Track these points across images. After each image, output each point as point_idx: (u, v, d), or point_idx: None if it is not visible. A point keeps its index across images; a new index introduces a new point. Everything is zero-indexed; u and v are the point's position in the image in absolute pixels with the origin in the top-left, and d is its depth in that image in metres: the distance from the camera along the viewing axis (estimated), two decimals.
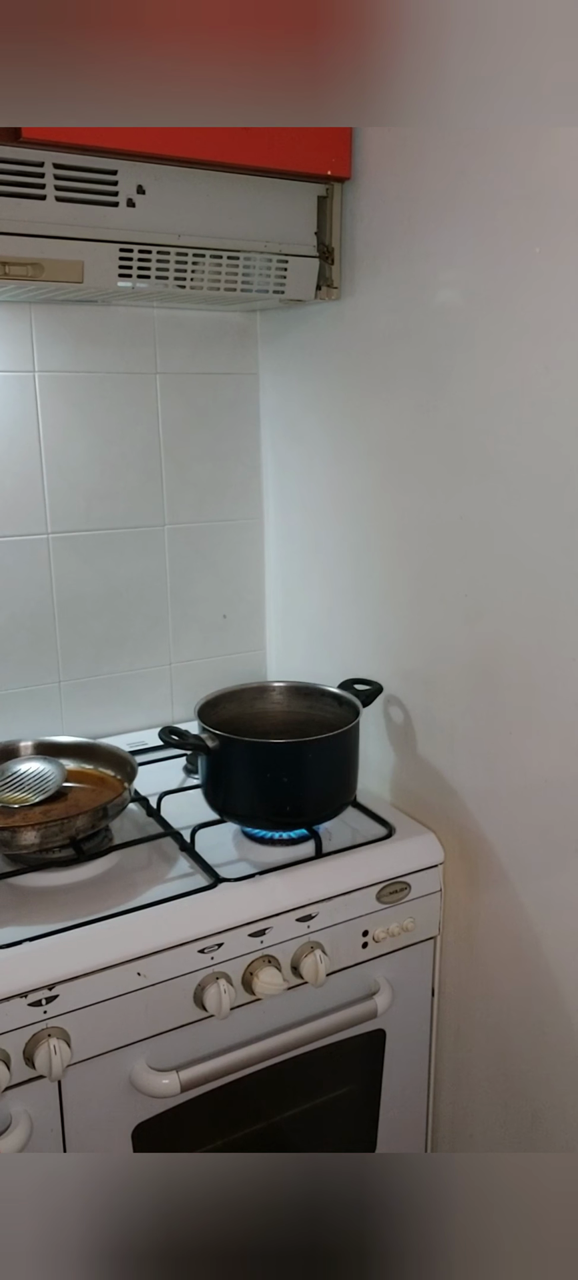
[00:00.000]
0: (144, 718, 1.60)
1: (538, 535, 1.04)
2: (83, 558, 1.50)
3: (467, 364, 1.12)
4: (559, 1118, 1.13)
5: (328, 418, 1.42)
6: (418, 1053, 1.31)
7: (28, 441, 1.43)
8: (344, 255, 1.33)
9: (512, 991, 1.18)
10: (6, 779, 1.26)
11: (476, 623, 1.16)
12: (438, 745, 1.26)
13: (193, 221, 1.21)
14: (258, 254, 1.27)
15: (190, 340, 1.53)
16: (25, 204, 1.09)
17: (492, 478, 1.10)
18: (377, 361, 1.29)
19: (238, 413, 1.60)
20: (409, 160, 1.17)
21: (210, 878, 1.13)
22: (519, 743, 1.11)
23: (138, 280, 1.19)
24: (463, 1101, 1.30)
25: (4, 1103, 0.99)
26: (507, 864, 1.16)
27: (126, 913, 1.06)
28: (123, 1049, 1.05)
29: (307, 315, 1.44)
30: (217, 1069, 1.08)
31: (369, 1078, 1.28)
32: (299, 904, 1.14)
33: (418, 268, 1.18)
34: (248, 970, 1.11)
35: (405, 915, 1.22)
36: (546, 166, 0.97)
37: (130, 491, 1.53)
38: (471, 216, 1.08)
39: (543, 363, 1.01)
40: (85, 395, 1.46)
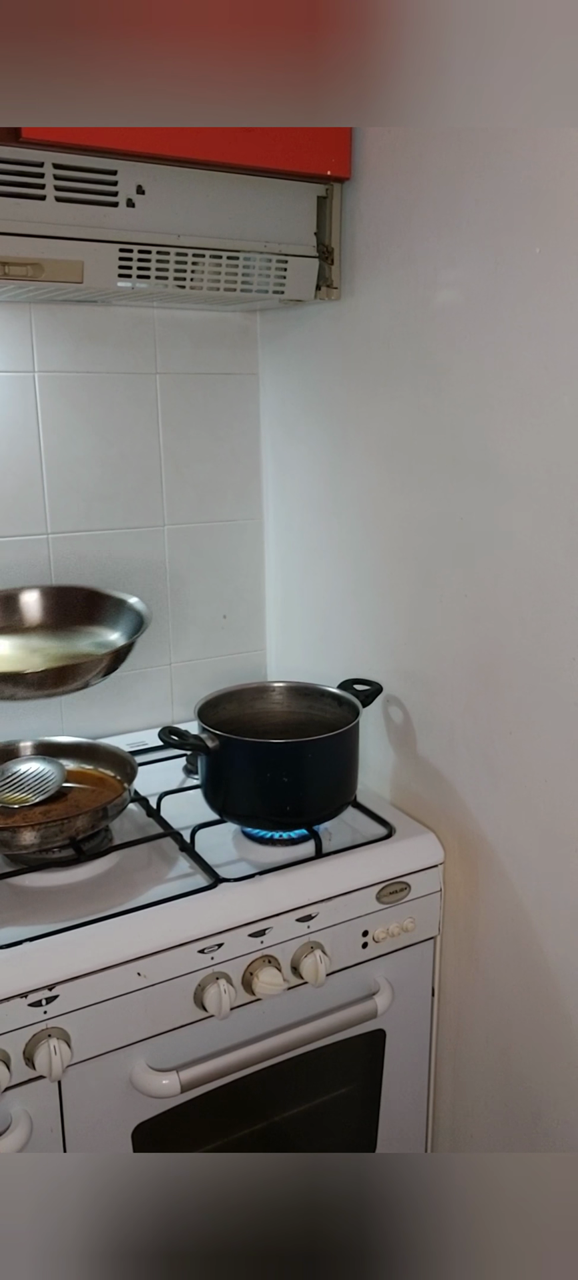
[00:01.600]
0: (144, 718, 1.60)
1: (538, 535, 1.04)
2: (83, 558, 1.50)
3: (467, 364, 1.12)
4: (559, 1118, 1.13)
5: (328, 418, 1.42)
6: (418, 1053, 1.31)
7: (28, 441, 1.43)
8: (344, 255, 1.33)
9: (512, 991, 1.18)
10: (6, 779, 1.26)
11: (475, 623, 1.16)
12: (438, 745, 1.26)
13: (193, 221, 1.21)
14: (258, 254, 1.27)
15: (190, 340, 1.53)
16: (25, 204, 1.09)
17: (492, 478, 1.10)
18: (377, 361, 1.29)
19: (238, 413, 1.60)
20: (409, 160, 1.17)
21: (210, 878, 1.13)
22: (519, 742, 1.11)
23: (138, 280, 1.19)
24: (463, 1101, 1.30)
25: (4, 1103, 0.99)
26: (507, 864, 1.16)
27: (126, 913, 1.06)
28: (123, 1049, 1.05)
29: (307, 315, 1.44)
30: (217, 1069, 1.08)
31: (369, 1078, 1.28)
32: (299, 904, 1.14)
33: (418, 268, 1.18)
34: (248, 970, 1.11)
35: (405, 915, 1.22)
36: (546, 166, 0.97)
37: (130, 491, 1.53)
38: (471, 216, 1.08)
39: (543, 363, 1.01)
40: (85, 395, 1.46)
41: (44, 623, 1.37)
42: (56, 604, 1.40)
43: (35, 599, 1.39)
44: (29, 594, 1.39)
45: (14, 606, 1.38)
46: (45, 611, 1.38)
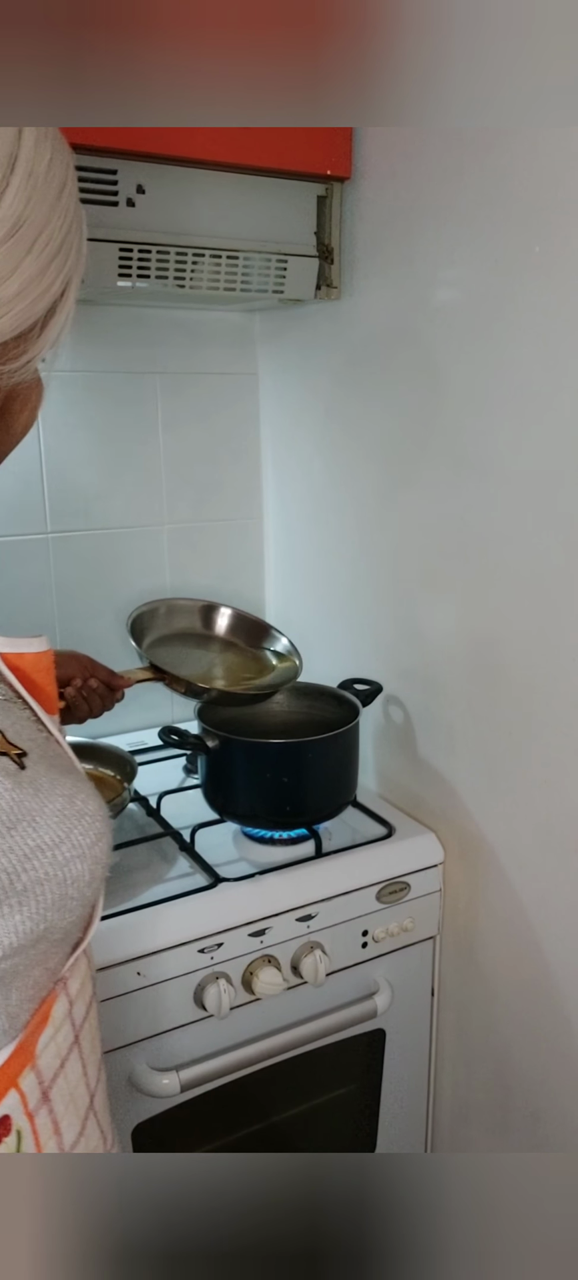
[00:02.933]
0: (144, 718, 1.60)
1: (538, 535, 1.04)
2: (83, 558, 1.50)
3: (467, 364, 1.12)
4: (559, 1118, 1.13)
5: (327, 418, 1.42)
6: (418, 1053, 1.31)
7: (28, 441, 1.42)
8: (344, 255, 1.33)
9: (512, 991, 1.18)
10: None
11: (475, 623, 1.16)
12: (438, 745, 1.26)
13: (192, 221, 1.21)
14: (257, 254, 1.27)
15: (190, 340, 1.53)
16: None
17: (492, 478, 1.10)
18: (376, 361, 1.29)
19: (238, 413, 1.60)
20: (409, 160, 1.17)
21: (210, 877, 1.13)
22: (519, 742, 1.11)
23: (138, 280, 1.19)
24: (463, 1102, 1.30)
25: None
26: (507, 864, 1.16)
27: (126, 912, 1.06)
28: (123, 1049, 1.05)
29: (306, 315, 1.44)
30: (217, 1069, 1.08)
31: (369, 1078, 1.28)
32: (299, 904, 1.14)
33: (418, 268, 1.18)
34: (248, 970, 1.11)
35: (405, 915, 1.22)
36: (546, 166, 0.97)
37: (130, 491, 1.53)
38: (471, 216, 1.08)
39: (543, 362, 1.01)
40: (85, 395, 1.46)
41: (230, 640, 1.40)
42: (238, 624, 1.41)
43: (227, 615, 1.40)
44: (223, 611, 1.41)
45: (211, 620, 1.40)
46: (230, 629, 1.40)
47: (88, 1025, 0.60)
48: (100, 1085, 0.62)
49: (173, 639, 1.34)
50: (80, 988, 0.59)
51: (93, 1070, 0.60)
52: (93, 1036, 0.61)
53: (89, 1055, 0.60)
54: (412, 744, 1.31)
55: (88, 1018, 0.60)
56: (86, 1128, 0.59)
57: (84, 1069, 0.59)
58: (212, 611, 1.39)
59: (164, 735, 1.19)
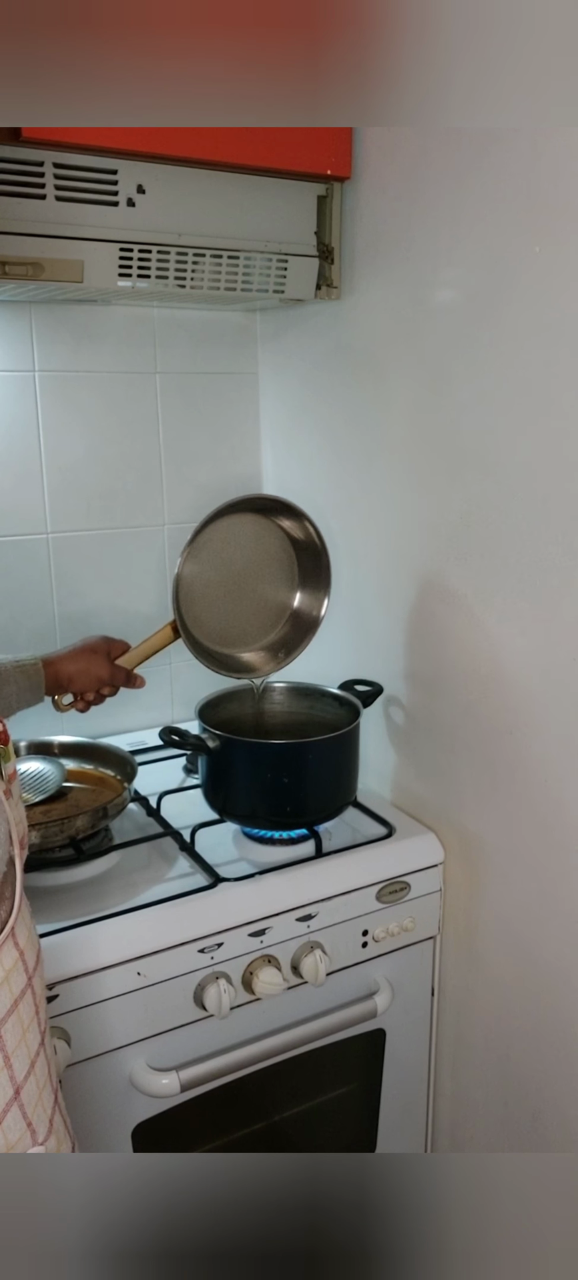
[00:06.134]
0: (144, 718, 1.59)
1: (538, 535, 1.04)
2: (83, 557, 1.50)
3: (467, 364, 1.12)
4: (559, 1118, 1.13)
5: (328, 417, 1.42)
6: (418, 1053, 1.31)
7: (28, 441, 1.43)
8: (344, 255, 1.33)
9: (512, 991, 1.18)
10: None
11: (476, 623, 1.16)
12: (438, 745, 1.26)
13: (193, 221, 1.21)
14: (258, 253, 1.27)
15: (190, 340, 1.53)
16: (25, 203, 1.09)
17: (492, 477, 1.10)
18: (377, 361, 1.29)
19: (238, 413, 1.60)
20: (409, 160, 1.17)
21: (210, 877, 1.13)
22: (519, 743, 1.11)
23: (138, 280, 1.19)
24: (463, 1101, 1.30)
25: None
26: (507, 864, 1.16)
27: (126, 912, 1.06)
28: (123, 1049, 1.05)
29: (306, 315, 1.44)
30: (217, 1069, 1.08)
31: (369, 1078, 1.28)
32: (299, 904, 1.14)
33: (418, 267, 1.18)
34: (248, 970, 1.11)
35: (405, 915, 1.22)
36: (546, 166, 0.97)
37: (130, 491, 1.53)
38: (470, 216, 1.08)
39: (543, 362, 1.01)
40: (85, 395, 1.46)
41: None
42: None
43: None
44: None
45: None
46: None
47: (13, 1019, 0.61)
48: (31, 1080, 0.64)
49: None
50: (4, 977, 0.61)
51: (20, 1064, 0.63)
52: (22, 1031, 0.64)
53: (14, 1050, 0.62)
54: (412, 744, 1.31)
55: (14, 1011, 0.61)
56: (5, 1120, 0.61)
57: (5, 1061, 0.62)
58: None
59: (164, 735, 1.19)
